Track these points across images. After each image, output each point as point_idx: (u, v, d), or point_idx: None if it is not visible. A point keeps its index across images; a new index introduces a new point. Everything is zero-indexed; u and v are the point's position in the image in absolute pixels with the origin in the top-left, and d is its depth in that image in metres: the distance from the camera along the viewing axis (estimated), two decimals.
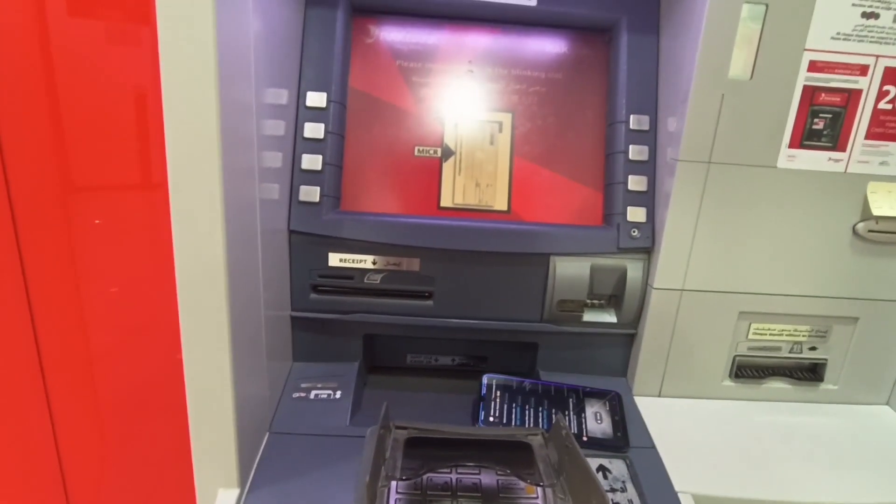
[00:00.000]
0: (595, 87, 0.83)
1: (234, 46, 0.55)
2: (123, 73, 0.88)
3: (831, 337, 0.82)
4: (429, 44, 0.82)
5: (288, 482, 0.64)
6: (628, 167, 0.79)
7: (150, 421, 1.02)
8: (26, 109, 0.86)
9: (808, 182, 0.74)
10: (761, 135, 0.72)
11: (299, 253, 0.77)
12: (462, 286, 0.79)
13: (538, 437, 0.65)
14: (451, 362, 0.91)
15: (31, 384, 0.97)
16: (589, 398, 0.78)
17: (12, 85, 0.84)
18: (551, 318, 0.81)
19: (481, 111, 0.82)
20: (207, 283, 0.56)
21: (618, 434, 0.73)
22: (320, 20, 0.77)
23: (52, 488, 1.03)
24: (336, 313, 0.80)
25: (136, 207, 0.95)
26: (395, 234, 0.76)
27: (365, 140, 0.80)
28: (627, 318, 0.81)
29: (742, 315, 0.80)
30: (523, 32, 0.83)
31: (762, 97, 0.71)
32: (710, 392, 0.83)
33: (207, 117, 0.51)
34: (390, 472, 0.59)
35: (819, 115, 0.72)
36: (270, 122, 0.68)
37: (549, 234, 0.78)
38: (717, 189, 0.74)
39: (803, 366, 0.84)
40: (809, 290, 0.79)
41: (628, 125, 0.79)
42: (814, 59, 0.70)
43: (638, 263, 0.79)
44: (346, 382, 0.80)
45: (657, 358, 0.81)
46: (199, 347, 0.58)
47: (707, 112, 0.71)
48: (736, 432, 0.77)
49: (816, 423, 0.80)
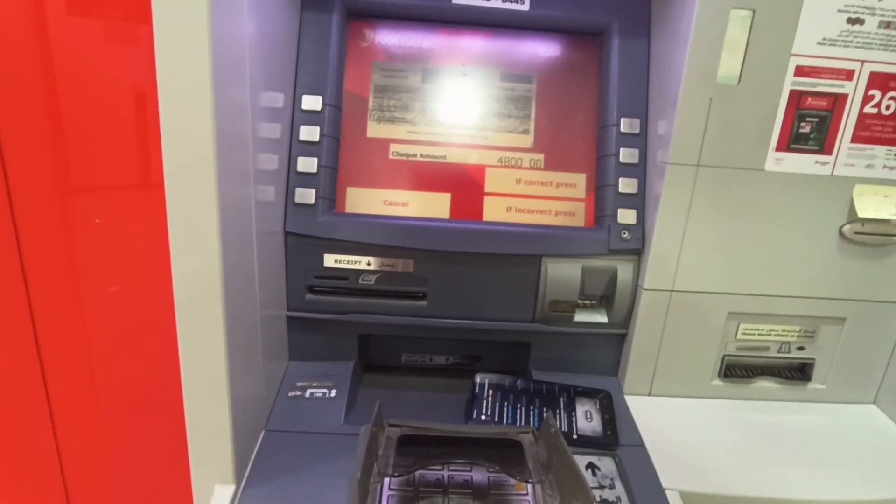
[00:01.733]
0: (587, 90, 0.84)
1: (229, 49, 0.56)
2: (123, 72, 0.88)
3: (819, 337, 0.83)
4: (423, 47, 0.83)
5: (283, 479, 0.65)
6: (619, 170, 0.80)
7: (149, 418, 1.03)
8: (26, 109, 0.87)
9: (796, 185, 0.75)
10: (749, 138, 0.74)
11: (295, 254, 0.78)
12: (455, 287, 0.80)
13: (529, 435, 0.66)
14: (445, 362, 0.92)
15: (31, 383, 0.98)
16: (580, 397, 0.79)
17: (12, 84, 0.85)
18: (543, 319, 0.82)
19: (475, 113, 0.83)
20: (203, 284, 0.56)
21: (607, 432, 0.74)
22: (315, 24, 0.78)
23: (52, 486, 1.04)
24: (331, 313, 0.81)
25: (135, 207, 0.96)
26: (389, 235, 0.77)
27: (360, 142, 0.81)
28: (618, 318, 0.82)
29: (731, 315, 0.81)
30: (516, 36, 0.84)
31: (750, 101, 0.72)
32: (700, 391, 0.84)
33: (202, 119, 0.52)
34: (383, 469, 0.60)
35: (806, 119, 0.73)
36: (266, 125, 0.69)
37: (540, 236, 0.79)
38: (706, 191, 0.75)
39: (792, 365, 0.85)
40: (797, 291, 0.80)
41: (619, 128, 0.80)
42: (800, 63, 0.71)
43: (628, 265, 0.80)
44: (342, 381, 0.80)
45: (647, 357, 0.82)
46: (195, 346, 0.59)
47: (696, 115, 0.72)
48: (724, 431, 0.78)
49: (804, 422, 0.82)
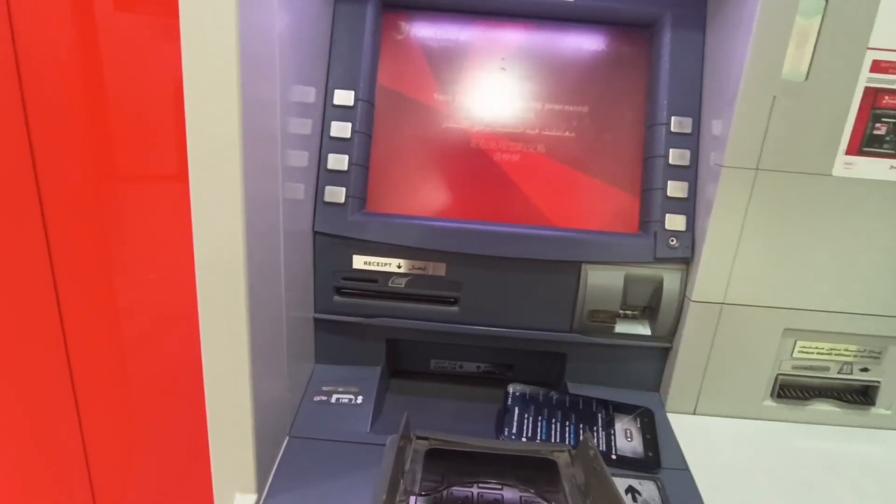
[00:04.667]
0: (634, 86, 0.79)
1: (257, 42, 0.54)
2: (166, 66, 0.88)
3: (886, 358, 0.76)
4: (461, 40, 0.79)
5: (306, 489, 0.63)
6: (668, 172, 0.75)
7: (175, 417, 1.03)
8: (65, 101, 0.87)
9: (867, 191, 0.69)
10: (816, 140, 0.68)
11: (323, 254, 0.76)
12: (489, 292, 0.77)
13: (564, 454, 0.63)
14: (477, 370, 0.89)
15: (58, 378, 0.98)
16: (619, 413, 0.74)
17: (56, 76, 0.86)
18: (581, 329, 0.78)
19: (514, 111, 0.78)
20: (227, 281, 0.55)
21: (649, 454, 0.69)
22: (350, 16, 0.76)
23: (79, 482, 1.05)
24: (359, 317, 0.79)
25: (168, 199, 0.95)
26: (422, 237, 0.74)
27: (393, 140, 0.78)
28: (662, 330, 0.77)
29: (787, 332, 0.75)
30: (559, 28, 0.79)
31: (818, 99, 0.66)
32: (750, 412, 0.78)
33: (228, 113, 0.50)
34: (409, 487, 0.57)
35: (881, 120, 0.67)
36: (296, 121, 0.66)
37: (581, 241, 0.75)
38: (765, 197, 0.69)
39: (853, 388, 0.79)
40: (863, 308, 0.74)
41: (669, 127, 0.75)
42: (877, 58, 0.65)
43: (675, 274, 0.75)
44: (368, 387, 0.78)
45: (693, 374, 0.77)
46: (217, 345, 0.57)
47: (756, 115, 0.67)
48: (777, 456, 0.73)
49: (866, 451, 0.75)
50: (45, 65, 0.84)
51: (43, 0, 0.81)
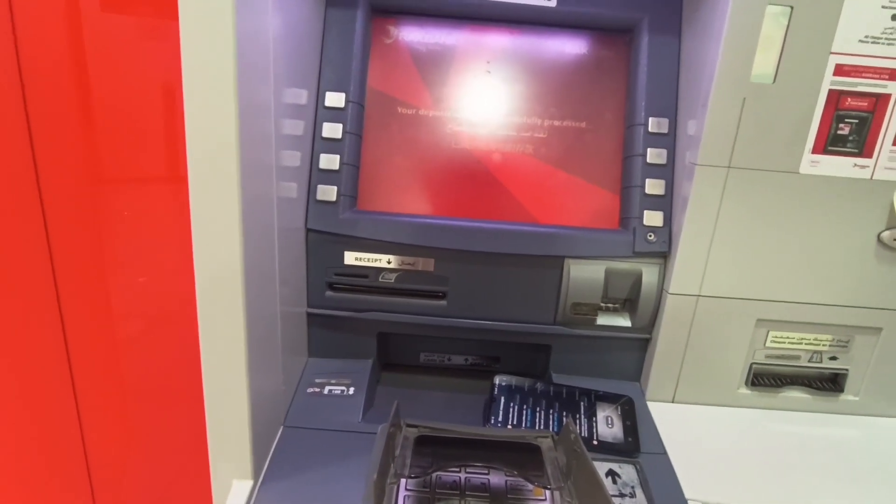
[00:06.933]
0: (614, 88, 0.82)
1: (253, 46, 0.56)
2: (154, 67, 0.89)
3: (853, 347, 0.80)
4: (447, 44, 0.82)
5: (300, 475, 0.65)
6: (646, 170, 0.78)
7: (172, 411, 1.05)
8: (59, 103, 0.88)
9: (832, 188, 0.73)
10: (784, 139, 0.71)
11: (316, 251, 0.78)
12: (476, 287, 0.79)
13: (548, 439, 0.65)
14: (464, 362, 0.92)
15: (57, 375, 1.00)
16: (601, 402, 0.77)
17: (46, 78, 0.87)
18: (565, 321, 0.81)
19: (499, 112, 0.81)
20: (224, 278, 0.57)
21: (628, 439, 0.72)
22: (340, 20, 0.78)
23: (77, 477, 1.06)
24: (351, 311, 0.81)
25: (163, 200, 0.97)
26: (410, 234, 0.77)
27: (382, 140, 0.81)
28: (642, 322, 0.80)
29: (760, 322, 0.78)
30: (543, 33, 0.82)
31: (785, 101, 0.70)
32: (725, 399, 0.82)
33: (226, 115, 0.52)
34: (399, 470, 0.60)
35: (845, 120, 0.70)
36: (289, 122, 0.69)
37: (563, 237, 0.78)
38: (737, 194, 0.73)
39: (823, 375, 0.82)
40: (831, 299, 0.77)
41: (647, 128, 0.78)
42: (840, 62, 0.68)
43: (654, 268, 0.78)
44: (360, 379, 0.81)
45: (671, 363, 0.80)
46: (215, 341, 0.59)
47: (728, 115, 0.70)
48: (750, 441, 0.76)
49: (835, 435, 0.79)
50: (45, 67, 0.85)
51: (44, 6, 0.83)
